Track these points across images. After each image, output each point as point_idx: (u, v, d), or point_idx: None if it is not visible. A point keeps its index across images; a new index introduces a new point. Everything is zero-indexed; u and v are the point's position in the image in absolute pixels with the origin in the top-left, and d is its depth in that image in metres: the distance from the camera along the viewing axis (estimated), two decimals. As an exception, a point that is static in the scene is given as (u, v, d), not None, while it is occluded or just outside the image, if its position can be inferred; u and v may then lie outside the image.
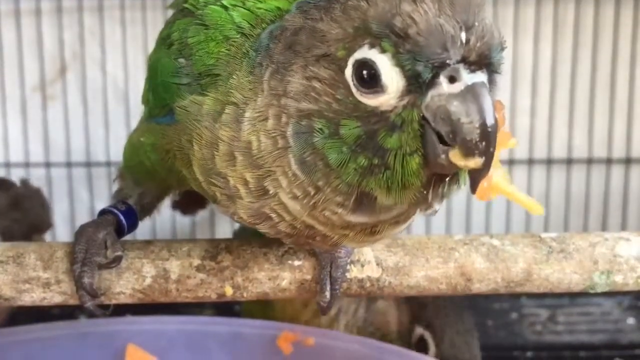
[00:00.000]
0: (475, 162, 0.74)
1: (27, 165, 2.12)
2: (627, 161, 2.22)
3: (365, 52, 0.76)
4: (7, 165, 2.12)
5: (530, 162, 2.21)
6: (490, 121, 0.74)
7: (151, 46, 1.04)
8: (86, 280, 0.99)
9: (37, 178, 2.08)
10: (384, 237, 0.89)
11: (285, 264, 1.05)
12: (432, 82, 0.75)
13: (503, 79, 0.80)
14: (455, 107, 0.74)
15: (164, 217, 1.37)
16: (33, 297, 1.03)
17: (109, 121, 2.13)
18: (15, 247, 1.04)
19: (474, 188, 0.78)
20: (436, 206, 0.84)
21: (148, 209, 1.13)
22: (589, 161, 2.21)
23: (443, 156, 0.76)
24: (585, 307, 1.95)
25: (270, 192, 0.84)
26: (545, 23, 2.16)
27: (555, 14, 2.15)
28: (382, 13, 0.75)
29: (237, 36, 0.89)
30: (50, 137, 2.13)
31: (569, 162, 2.22)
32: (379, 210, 0.81)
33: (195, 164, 0.91)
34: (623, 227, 2.23)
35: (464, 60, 0.74)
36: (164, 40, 0.98)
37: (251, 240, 1.06)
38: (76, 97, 2.13)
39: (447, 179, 0.80)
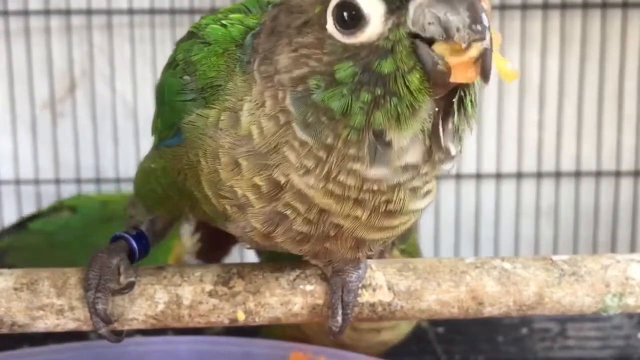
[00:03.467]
0: (477, 47, 0.74)
1: (37, 182, 2.14)
2: (636, 174, 2.22)
3: None
4: (17, 182, 2.14)
5: (539, 175, 2.21)
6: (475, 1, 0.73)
7: (160, 63, 1.05)
8: (100, 306, 1.00)
9: (47, 195, 2.10)
10: (402, 218, 0.87)
11: (297, 288, 1.05)
12: None
13: (511, 93, 0.81)
14: (438, 4, 0.75)
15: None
16: (47, 323, 1.03)
17: (118, 138, 2.14)
18: (29, 274, 1.05)
19: (486, 75, 0.76)
20: (452, 150, 0.82)
21: (159, 235, 1.13)
22: (598, 174, 2.21)
23: (440, 62, 0.76)
24: (595, 321, 1.94)
25: (282, 182, 0.84)
26: (552, 36, 2.16)
27: (562, 27, 2.15)
28: None
29: (234, 48, 0.91)
30: (60, 154, 2.15)
31: (578, 174, 2.21)
32: (396, 156, 0.80)
33: (203, 179, 0.91)
34: (632, 239, 2.23)
35: None
36: (170, 65, 1.00)
37: (263, 265, 1.07)
38: (85, 114, 2.15)
39: (454, 101, 0.79)
